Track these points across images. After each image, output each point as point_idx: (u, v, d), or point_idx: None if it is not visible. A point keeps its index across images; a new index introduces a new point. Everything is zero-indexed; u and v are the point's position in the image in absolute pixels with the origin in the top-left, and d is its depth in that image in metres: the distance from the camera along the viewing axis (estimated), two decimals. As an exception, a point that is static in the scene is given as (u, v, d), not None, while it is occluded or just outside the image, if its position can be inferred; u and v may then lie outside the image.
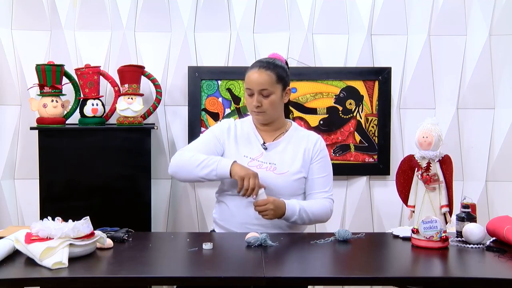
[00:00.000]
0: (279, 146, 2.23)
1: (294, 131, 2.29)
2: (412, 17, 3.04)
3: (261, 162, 2.19)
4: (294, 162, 2.20)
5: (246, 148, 2.22)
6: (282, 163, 2.19)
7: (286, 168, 2.18)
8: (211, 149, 2.21)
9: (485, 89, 3.05)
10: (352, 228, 2.91)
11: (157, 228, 2.99)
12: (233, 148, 2.23)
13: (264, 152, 2.21)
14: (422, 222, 1.85)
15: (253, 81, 2.16)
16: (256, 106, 2.16)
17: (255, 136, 2.25)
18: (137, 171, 2.77)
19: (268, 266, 1.65)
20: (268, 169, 2.17)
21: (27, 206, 3.03)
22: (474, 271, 1.73)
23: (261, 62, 2.21)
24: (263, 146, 2.22)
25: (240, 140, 2.25)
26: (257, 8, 3.03)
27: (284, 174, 2.17)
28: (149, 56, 3.03)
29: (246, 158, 2.20)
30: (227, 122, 2.31)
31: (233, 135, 2.26)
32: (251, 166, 2.16)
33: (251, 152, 2.21)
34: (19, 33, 3.00)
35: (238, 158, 2.16)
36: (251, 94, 2.17)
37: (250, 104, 2.19)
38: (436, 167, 1.88)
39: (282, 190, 2.15)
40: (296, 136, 2.27)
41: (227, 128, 2.27)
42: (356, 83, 3.03)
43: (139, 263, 1.71)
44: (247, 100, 2.20)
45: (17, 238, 1.71)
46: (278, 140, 2.24)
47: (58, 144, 2.72)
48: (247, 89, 2.18)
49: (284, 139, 2.25)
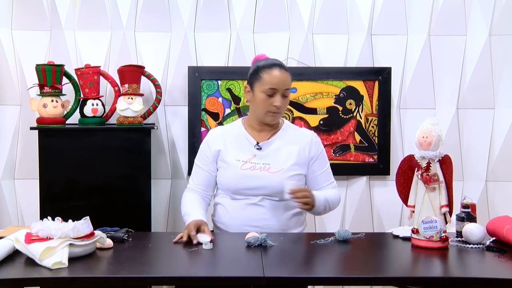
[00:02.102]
0: (273, 145, 2.23)
1: (287, 128, 2.29)
2: (412, 17, 3.04)
3: (254, 163, 2.19)
4: (288, 159, 2.20)
5: (238, 151, 2.22)
6: (276, 161, 2.19)
7: (281, 166, 2.18)
8: (205, 180, 2.27)
9: (485, 89, 3.05)
10: (352, 228, 2.91)
11: (157, 228, 2.99)
12: (225, 154, 2.23)
13: (257, 154, 2.21)
14: (422, 222, 1.85)
15: (280, 80, 2.14)
16: (278, 106, 2.15)
17: (246, 138, 2.25)
18: (137, 171, 2.77)
19: (268, 266, 1.65)
20: (262, 169, 2.17)
21: (27, 206, 3.03)
22: (474, 271, 1.73)
23: (277, 62, 2.20)
24: (257, 147, 2.22)
25: (231, 145, 2.24)
26: (257, 8, 3.03)
27: (278, 173, 2.17)
28: (149, 56, 3.03)
29: (239, 161, 2.20)
30: (212, 134, 2.31)
31: (222, 142, 2.25)
32: (244, 169, 2.17)
33: (243, 155, 2.21)
34: (19, 33, 3.00)
35: (230, 164, 2.19)
36: (272, 94, 2.14)
37: (270, 105, 2.15)
38: (436, 167, 1.88)
39: (278, 188, 2.15)
40: (289, 134, 2.27)
41: (212, 141, 2.27)
42: (356, 83, 3.03)
43: (139, 263, 1.71)
44: (265, 101, 2.15)
45: (17, 238, 1.71)
46: (272, 138, 2.24)
47: (58, 144, 2.72)
48: (269, 89, 2.14)
49: (278, 137, 2.25)
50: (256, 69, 2.19)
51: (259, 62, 2.22)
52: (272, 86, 2.14)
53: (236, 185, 2.18)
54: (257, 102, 2.18)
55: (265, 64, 2.19)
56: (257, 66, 2.20)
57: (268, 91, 2.14)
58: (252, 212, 2.16)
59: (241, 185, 2.17)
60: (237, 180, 2.17)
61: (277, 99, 2.15)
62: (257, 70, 2.18)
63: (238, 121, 2.33)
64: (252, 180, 2.16)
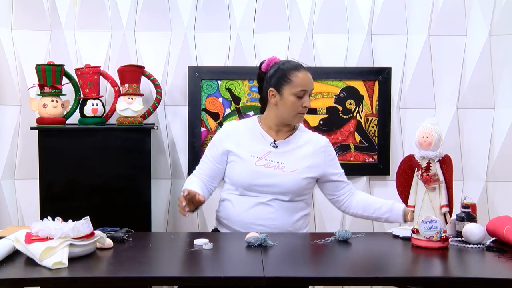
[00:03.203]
0: (289, 145, 2.24)
1: (301, 131, 2.31)
2: (412, 17, 3.04)
3: (269, 161, 2.19)
4: (303, 161, 2.21)
5: (252, 147, 2.22)
6: (291, 161, 2.19)
7: (295, 166, 2.19)
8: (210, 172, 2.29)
9: (485, 89, 3.05)
10: (352, 228, 2.91)
11: (157, 228, 2.99)
12: (238, 149, 2.22)
13: (272, 151, 2.21)
14: (422, 222, 1.85)
15: (309, 81, 2.20)
16: (308, 106, 2.19)
17: (262, 135, 2.25)
18: (137, 171, 2.77)
19: (268, 266, 1.65)
20: (277, 168, 2.18)
21: (27, 206, 3.03)
22: (474, 271, 1.73)
23: (300, 63, 2.24)
24: (273, 145, 2.22)
25: (244, 140, 2.25)
26: (257, 8, 3.03)
27: (293, 173, 2.17)
28: (149, 56, 3.03)
29: (253, 157, 2.20)
30: (227, 128, 2.32)
31: (236, 138, 2.25)
32: (259, 165, 2.17)
33: (257, 151, 2.21)
34: (19, 33, 3.00)
35: (244, 159, 2.19)
36: (303, 95, 2.17)
37: (299, 106, 2.18)
38: (436, 167, 1.88)
39: (291, 188, 2.16)
40: (303, 137, 2.28)
41: (227, 135, 2.27)
42: (356, 83, 3.03)
43: (139, 263, 1.71)
44: (295, 103, 2.17)
45: (17, 238, 1.71)
46: (289, 138, 2.25)
47: (58, 144, 2.72)
48: (301, 91, 2.16)
49: (294, 137, 2.26)
50: (283, 73, 2.19)
51: (282, 65, 2.22)
52: (303, 87, 2.17)
53: (249, 180, 2.17)
54: (287, 105, 2.18)
55: (290, 66, 2.20)
56: (282, 70, 2.19)
57: (300, 93, 2.17)
58: (260, 211, 2.16)
59: (253, 181, 2.16)
60: (250, 176, 2.17)
61: (306, 99, 2.18)
62: (285, 73, 2.18)
63: (254, 118, 2.33)
64: (265, 177, 2.16)
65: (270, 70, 2.23)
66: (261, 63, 2.29)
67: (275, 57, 2.28)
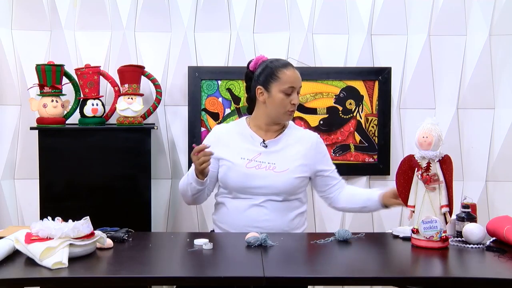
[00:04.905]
0: (279, 144, 2.23)
1: (291, 129, 2.30)
2: (412, 17, 3.04)
3: (260, 162, 2.18)
4: (294, 160, 2.20)
5: (242, 150, 2.22)
6: (281, 161, 2.19)
7: (286, 166, 2.18)
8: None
9: (485, 89, 3.05)
10: (352, 228, 2.91)
11: (157, 228, 2.99)
12: (228, 154, 2.21)
13: (262, 152, 2.21)
14: (422, 222, 1.85)
15: (297, 78, 2.20)
16: (296, 103, 2.20)
17: (252, 137, 2.24)
18: (137, 171, 2.77)
19: (268, 266, 1.65)
20: (268, 168, 2.17)
21: (27, 206, 3.03)
22: (474, 271, 1.73)
23: (287, 61, 2.25)
24: (263, 144, 2.22)
25: (234, 143, 2.24)
26: (257, 8, 3.03)
27: (284, 172, 2.17)
28: (149, 56, 3.03)
29: (244, 160, 2.19)
30: (216, 132, 2.31)
31: (225, 141, 2.25)
32: (249, 168, 2.17)
33: (248, 153, 2.20)
34: (19, 33, 3.00)
35: (235, 162, 2.18)
36: (291, 92, 2.18)
37: (288, 104, 2.18)
38: (436, 167, 1.88)
39: (283, 188, 2.16)
40: (294, 135, 2.28)
41: (217, 140, 2.25)
42: (356, 83, 3.03)
43: (139, 263, 1.71)
44: (283, 100, 2.17)
45: (17, 238, 1.71)
46: (278, 137, 2.24)
47: (58, 144, 2.72)
48: (289, 88, 2.17)
49: (284, 136, 2.25)
50: (271, 70, 2.19)
51: (270, 63, 2.22)
52: (291, 84, 2.17)
53: (240, 183, 2.17)
54: (276, 102, 2.18)
55: (278, 64, 2.20)
56: (270, 68, 2.20)
57: (288, 90, 2.17)
58: (254, 214, 2.16)
59: (245, 183, 2.16)
60: (242, 179, 2.17)
61: (295, 96, 2.19)
62: (272, 71, 2.18)
63: (242, 120, 2.32)
64: (257, 179, 2.15)
65: (258, 68, 2.23)
66: (248, 62, 2.30)
67: (263, 56, 2.29)
